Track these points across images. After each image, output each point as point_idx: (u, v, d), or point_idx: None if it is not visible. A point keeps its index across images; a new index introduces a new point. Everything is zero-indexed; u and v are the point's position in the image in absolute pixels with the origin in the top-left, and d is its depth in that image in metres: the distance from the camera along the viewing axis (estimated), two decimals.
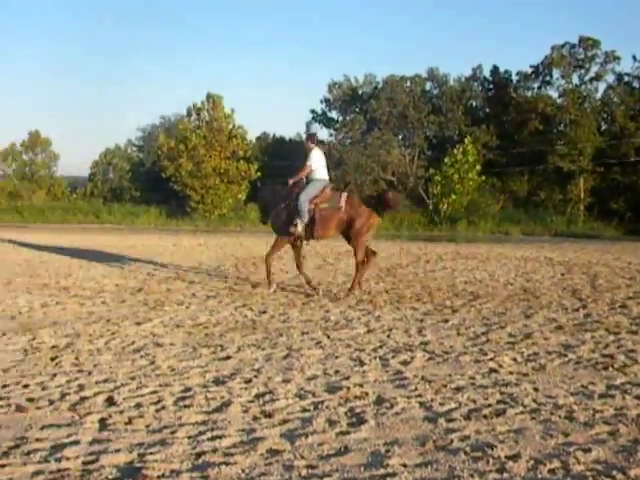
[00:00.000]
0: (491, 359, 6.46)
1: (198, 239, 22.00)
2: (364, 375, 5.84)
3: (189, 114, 36.93)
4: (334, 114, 47.39)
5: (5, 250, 17.26)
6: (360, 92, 46.11)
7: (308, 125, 42.45)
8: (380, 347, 6.89)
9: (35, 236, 22.27)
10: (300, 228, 10.38)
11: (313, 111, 47.06)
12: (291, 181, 10.67)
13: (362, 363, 6.25)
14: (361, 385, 5.52)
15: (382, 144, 41.29)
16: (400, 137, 45.10)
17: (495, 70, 45.43)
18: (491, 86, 46.16)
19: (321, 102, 46.77)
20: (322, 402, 5.05)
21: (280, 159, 43.36)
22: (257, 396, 5.20)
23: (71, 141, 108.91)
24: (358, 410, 4.88)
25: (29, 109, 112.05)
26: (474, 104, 46.65)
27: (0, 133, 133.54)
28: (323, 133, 45.90)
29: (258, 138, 50.70)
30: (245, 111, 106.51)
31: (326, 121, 47.05)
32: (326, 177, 10.81)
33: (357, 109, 45.37)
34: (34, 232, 24.87)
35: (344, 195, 10.63)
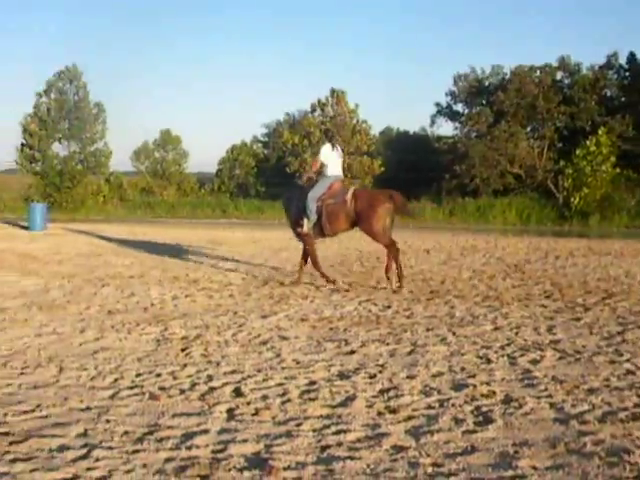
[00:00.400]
0: (627, 360, 6.13)
1: None
2: (491, 373, 5.69)
3: (313, 110, 37.32)
4: (459, 107, 46.57)
5: (138, 244, 18.00)
6: (487, 84, 45.07)
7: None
8: (508, 345, 6.70)
9: (165, 230, 23.14)
10: (306, 227, 10.54)
11: (438, 104, 46.40)
12: (304, 177, 10.80)
13: (489, 361, 6.09)
14: (488, 383, 5.38)
15: (509, 137, 40.19)
16: (528, 129, 43.74)
17: (632, 57, 43.26)
18: (627, 74, 44.00)
19: (446, 95, 45.99)
20: (448, 399, 4.96)
21: (404, 153, 43.16)
22: (382, 391, 5.17)
23: (200, 139, 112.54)
24: (485, 409, 4.75)
25: (162, 108, 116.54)
26: (608, 93, 44.59)
27: (135, 132, 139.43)
28: (448, 127, 45.22)
29: (382, 132, 50.63)
30: (369, 105, 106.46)
31: (451, 114, 46.29)
32: (337, 172, 10.84)
33: (483, 101, 44.37)
34: (165, 226, 25.84)
35: (351, 190, 10.64)
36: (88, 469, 3.78)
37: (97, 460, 3.90)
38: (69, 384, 5.38)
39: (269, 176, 48.57)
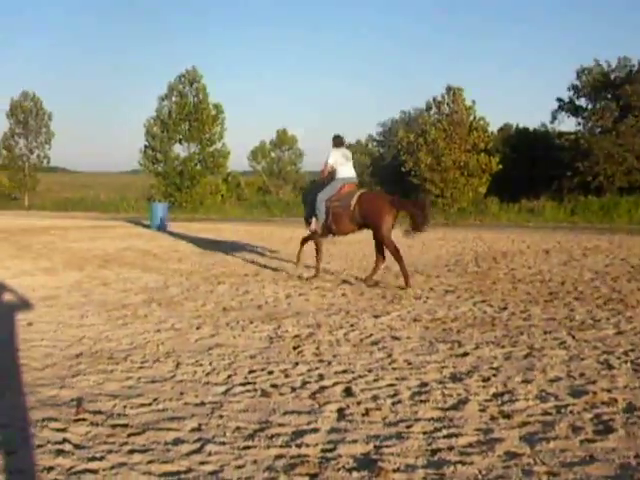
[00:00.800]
0: None
1: (437, 233, 21.87)
2: (613, 380, 5.42)
3: (429, 108, 36.83)
4: (582, 102, 44.80)
5: (250, 242, 18.32)
6: (612, 77, 43.15)
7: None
8: (631, 350, 6.36)
9: (281, 229, 23.46)
10: (314, 225, 11.17)
11: (559, 99, 44.80)
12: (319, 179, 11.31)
13: (610, 367, 5.80)
14: (609, 390, 5.12)
15: (637, 132, 38.32)
16: None
17: None
18: None
19: (568, 89, 44.33)
20: (565, 406, 4.76)
21: (523, 150, 42.01)
22: (495, 395, 5.03)
23: (316, 138, 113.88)
24: (605, 417, 4.52)
25: (278, 109, 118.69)
26: None
27: (252, 132, 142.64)
28: (570, 122, 43.58)
29: (500, 129, 49.45)
30: (487, 102, 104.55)
31: (573, 109, 44.59)
32: (348, 174, 11.19)
33: (609, 95, 42.50)
34: (280, 225, 26.20)
35: (357, 193, 10.84)
36: (201, 463, 3.87)
37: (210, 455, 3.98)
38: (185, 379, 5.53)
39: (384, 175, 48.50)
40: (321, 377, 5.56)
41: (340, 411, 4.73)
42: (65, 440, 4.20)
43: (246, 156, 55.78)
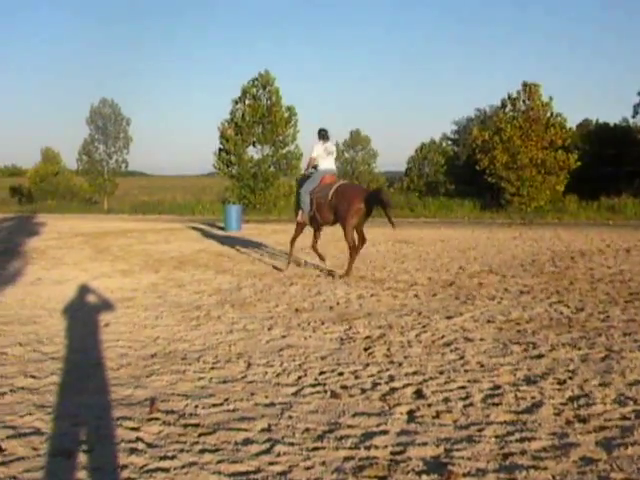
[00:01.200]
0: None
1: (513, 232, 21.50)
2: None
3: (504, 105, 36.14)
4: None
5: (324, 243, 18.35)
6: None
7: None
8: None
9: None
10: (300, 217, 12.14)
11: None
12: (304, 172, 12.36)
13: None
14: None
15: None
16: None
17: None
18: None
19: None
20: None
21: (604, 146, 40.91)
22: (571, 399, 4.89)
23: (389, 138, 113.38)
24: None
25: (351, 109, 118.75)
26: None
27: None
28: None
29: (579, 125, 48.30)
30: (566, 98, 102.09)
31: None
32: (329, 167, 11.97)
33: None
34: None
35: (336, 185, 11.47)
36: (270, 464, 3.88)
37: (279, 455, 4.00)
38: (256, 380, 5.58)
39: (459, 174, 47.97)
40: (392, 379, 5.52)
41: (410, 413, 4.68)
42: (138, 439, 4.29)
43: None
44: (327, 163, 11.95)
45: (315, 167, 12.03)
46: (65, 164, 57.90)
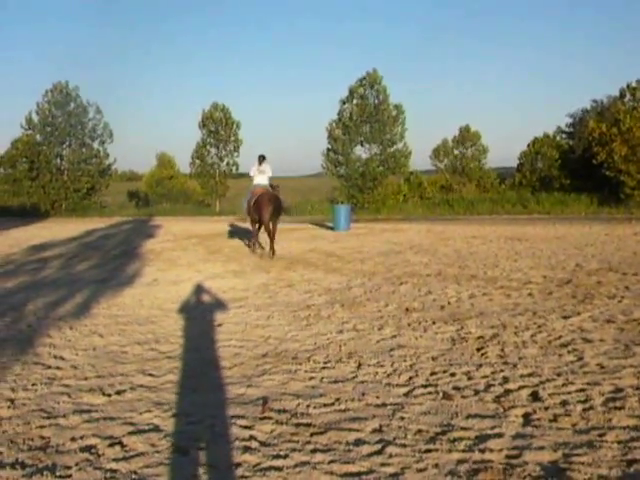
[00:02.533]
0: None
1: (633, 228, 20.58)
2: None
3: (622, 95, 34.75)
4: None
5: (434, 241, 18.13)
6: None
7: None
8: None
9: (464, 228, 23.06)
10: (245, 216, 17.90)
11: None
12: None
13: None
14: None
15: None
16: None
17: None
18: None
19: None
20: None
21: None
22: None
23: (500, 133, 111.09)
24: None
25: (461, 106, 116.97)
26: None
27: (433, 130, 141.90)
28: None
29: None
30: None
31: None
32: (261, 182, 16.35)
33: None
34: (463, 224, 25.77)
35: (258, 194, 15.80)
36: (382, 465, 3.85)
37: (391, 456, 3.96)
38: (366, 380, 5.55)
39: (574, 168, 46.34)
40: (506, 380, 5.37)
41: (526, 416, 4.53)
42: (252, 437, 4.34)
43: (428, 155, 55.52)
44: (260, 179, 16.37)
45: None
46: (179, 168, 59.76)
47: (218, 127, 46.28)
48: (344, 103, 38.80)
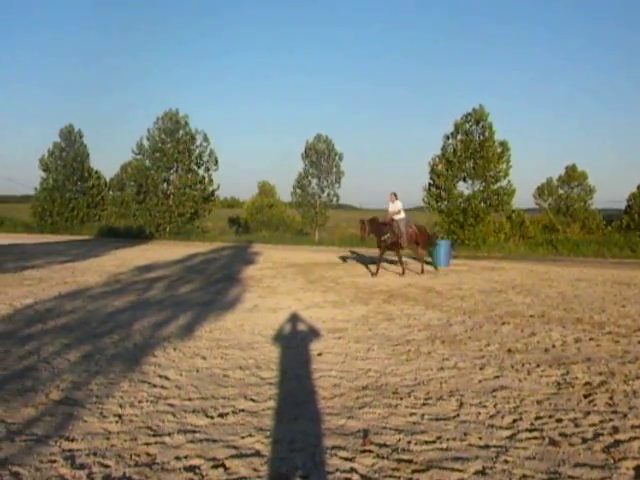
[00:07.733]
0: None
1: None
2: None
3: None
4: None
5: (536, 282, 17.68)
6: None
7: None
8: None
9: (567, 269, 22.40)
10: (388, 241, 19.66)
11: None
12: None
13: None
14: None
15: None
16: None
17: None
18: None
19: None
20: None
21: None
22: None
23: (608, 174, 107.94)
24: None
25: (565, 144, 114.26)
26: None
27: (537, 169, 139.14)
28: None
29: None
30: None
31: None
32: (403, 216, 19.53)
33: None
34: (567, 265, 25.03)
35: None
36: None
37: None
38: (468, 419, 5.46)
39: None
40: (615, 430, 5.18)
41: (638, 469, 4.35)
42: (353, 469, 4.34)
43: (531, 193, 54.48)
44: (402, 215, 19.84)
45: None
46: (280, 197, 60.80)
47: (320, 158, 46.84)
48: (448, 138, 38.61)
